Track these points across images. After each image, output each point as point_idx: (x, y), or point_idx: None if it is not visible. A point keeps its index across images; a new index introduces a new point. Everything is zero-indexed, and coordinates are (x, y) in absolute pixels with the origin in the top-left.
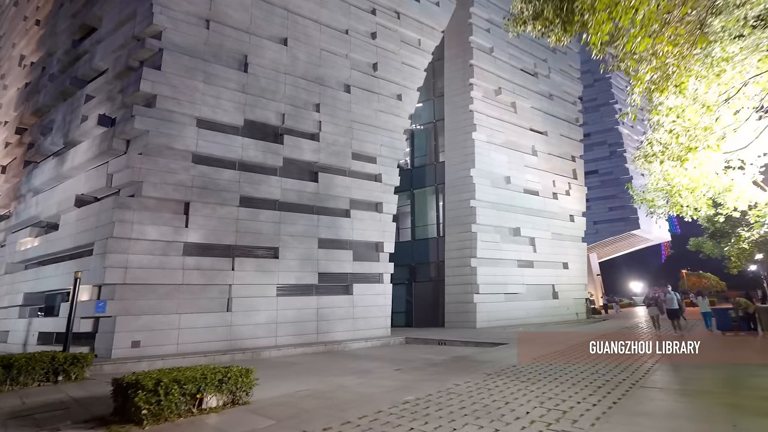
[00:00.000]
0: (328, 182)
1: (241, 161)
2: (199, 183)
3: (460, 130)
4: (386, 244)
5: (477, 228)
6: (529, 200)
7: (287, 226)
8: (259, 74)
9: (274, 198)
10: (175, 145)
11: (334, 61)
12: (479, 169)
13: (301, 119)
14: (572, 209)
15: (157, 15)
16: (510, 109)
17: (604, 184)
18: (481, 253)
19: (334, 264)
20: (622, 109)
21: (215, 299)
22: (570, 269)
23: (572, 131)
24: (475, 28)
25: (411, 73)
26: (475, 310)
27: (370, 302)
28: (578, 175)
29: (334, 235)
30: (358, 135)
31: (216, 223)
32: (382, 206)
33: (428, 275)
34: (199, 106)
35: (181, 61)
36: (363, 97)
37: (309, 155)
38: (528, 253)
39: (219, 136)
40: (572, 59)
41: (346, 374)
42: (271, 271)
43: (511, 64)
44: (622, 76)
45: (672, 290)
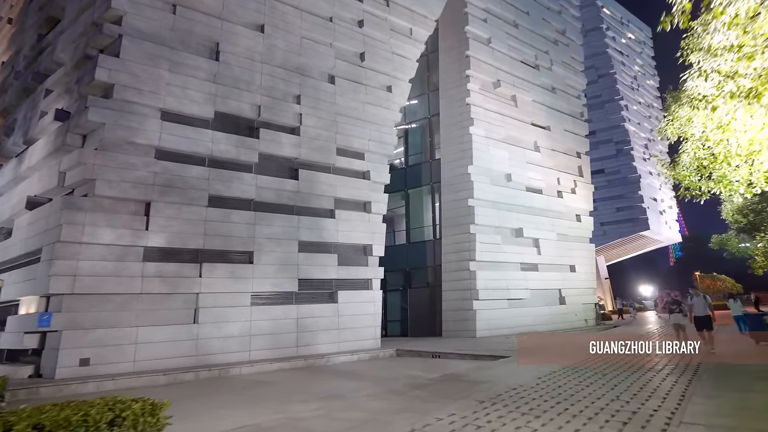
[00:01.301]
0: (310, 180)
1: (211, 157)
2: (162, 180)
3: (456, 125)
4: (375, 247)
5: (476, 229)
6: (532, 199)
7: (263, 227)
8: (232, 63)
9: (249, 197)
10: (136, 139)
11: (317, 49)
12: (477, 165)
13: (279, 111)
14: (579, 208)
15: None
16: (510, 102)
17: (611, 184)
18: (480, 256)
19: (316, 269)
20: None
21: (179, 310)
22: (578, 272)
23: (577, 126)
24: (472, 18)
25: (402, 64)
26: (475, 318)
27: (357, 311)
28: (584, 172)
29: (317, 238)
30: (343, 129)
31: (181, 225)
32: (370, 206)
33: (424, 281)
34: (163, 97)
35: (144, 48)
36: (349, 89)
37: (288, 150)
38: (532, 255)
39: (186, 130)
40: (575, 51)
41: (311, 400)
42: (245, 277)
43: (511, 55)
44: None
45: (693, 291)
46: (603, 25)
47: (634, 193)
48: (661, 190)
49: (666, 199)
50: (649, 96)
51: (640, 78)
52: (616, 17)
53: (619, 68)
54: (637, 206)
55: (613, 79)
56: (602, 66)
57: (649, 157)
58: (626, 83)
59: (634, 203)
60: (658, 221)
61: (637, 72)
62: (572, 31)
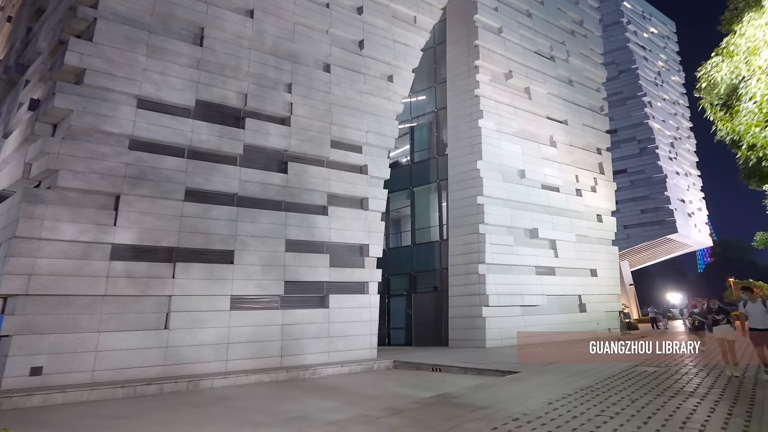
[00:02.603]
0: (301, 173)
1: (190, 147)
2: (134, 172)
3: (464, 117)
4: (373, 247)
5: (485, 229)
6: (548, 197)
7: (247, 224)
8: (216, 48)
9: (231, 191)
10: (107, 127)
11: (311, 36)
12: (487, 161)
13: (268, 100)
14: (599, 208)
15: None
16: (523, 94)
17: (634, 185)
18: (490, 258)
19: (305, 270)
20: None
21: (149, 314)
22: (599, 277)
23: (597, 121)
24: (481, 6)
25: (404, 52)
26: (484, 326)
27: (350, 317)
28: (605, 169)
29: (307, 236)
30: (339, 119)
31: (154, 221)
32: (368, 202)
33: (430, 285)
34: (139, 83)
35: (120, 32)
36: (346, 77)
37: (277, 142)
38: (548, 258)
39: (163, 118)
40: (594, 43)
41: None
42: (224, 278)
43: (523, 45)
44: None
45: (748, 296)
46: (623, 19)
47: (659, 194)
48: (689, 191)
49: (695, 200)
50: (674, 92)
51: (665, 74)
52: (638, 11)
53: (642, 63)
54: (663, 208)
55: (635, 74)
56: (623, 61)
57: (675, 156)
58: (649, 79)
59: (660, 204)
60: (687, 224)
61: (660, 68)
62: (590, 21)
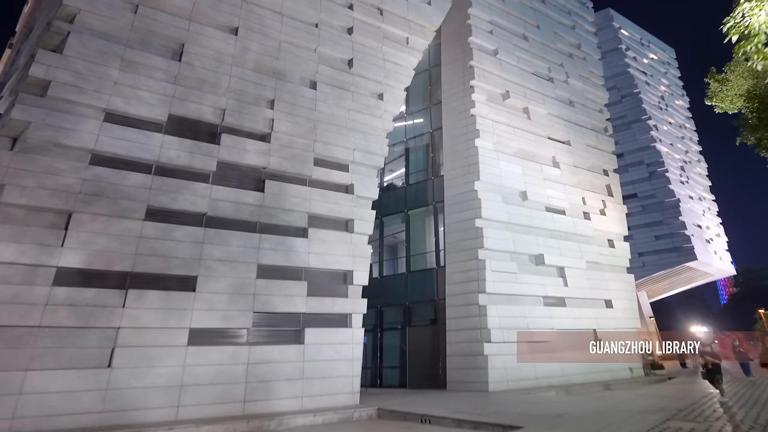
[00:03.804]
0: (279, 192)
1: (158, 163)
2: (91, 189)
3: (460, 137)
4: (357, 274)
5: (485, 254)
6: (554, 220)
7: (214, 247)
8: (195, 64)
9: (200, 210)
10: (66, 141)
11: (297, 54)
12: (485, 181)
13: (247, 116)
14: (610, 232)
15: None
16: (522, 114)
17: (646, 210)
18: (492, 287)
19: (279, 300)
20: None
21: (91, 349)
22: (615, 308)
23: (601, 141)
24: (475, 29)
25: (396, 71)
26: (487, 366)
27: (330, 355)
28: (614, 191)
29: (283, 261)
30: (324, 137)
31: (108, 242)
32: (353, 224)
33: (427, 317)
34: (108, 96)
35: (93, 45)
36: (333, 95)
37: (255, 159)
38: (557, 287)
39: (130, 133)
40: (593, 65)
41: None
42: (183, 308)
43: (520, 67)
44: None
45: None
46: (622, 46)
47: (674, 218)
48: (705, 216)
49: (712, 226)
50: (679, 116)
51: (668, 98)
52: (635, 38)
53: (644, 88)
54: (679, 233)
55: (638, 99)
56: (624, 86)
57: (687, 179)
58: (653, 103)
59: (676, 230)
60: (706, 250)
61: (663, 92)
62: (588, 45)
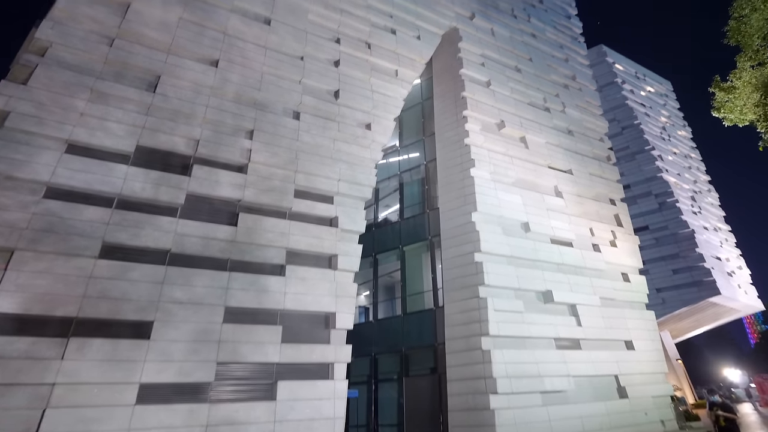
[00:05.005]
0: (254, 226)
1: (120, 196)
2: (40, 224)
3: (455, 167)
4: (341, 316)
5: (487, 291)
6: (561, 253)
7: (175, 287)
8: (170, 95)
9: (163, 247)
10: (18, 174)
11: (280, 85)
12: (483, 212)
13: (223, 147)
14: (624, 265)
15: (44, 29)
16: (519, 144)
17: (660, 242)
18: (496, 329)
19: (248, 348)
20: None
21: (16, 411)
22: (637, 350)
23: (605, 170)
24: (466, 62)
25: (384, 102)
26: (494, 423)
27: (307, 413)
28: (623, 221)
29: (254, 302)
30: (306, 167)
31: (51, 283)
32: (337, 260)
33: (426, 366)
34: (71, 128)
35: (61, 77)
36: (317, 125)
37: (229, 191)
38: (569, 327)
39: (91, 164)
40: (590, 95)
41: None
42: (133, 360)
43: (515, 98)
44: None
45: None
46: (618, 80)
47: (690, 251)
48: (723, 248)
49: (732, 258)
50: (684, 146)
51: (670, 129)
52: (630, 72)
53: (644, 119)
54: (698, 267)
55: (639, 130)
56: (624, 118)
57: (699, 210)
58: (655, 134)
59: (694, 263)
60: (729, 284)
61: (664, 123)
62: (583, 77)
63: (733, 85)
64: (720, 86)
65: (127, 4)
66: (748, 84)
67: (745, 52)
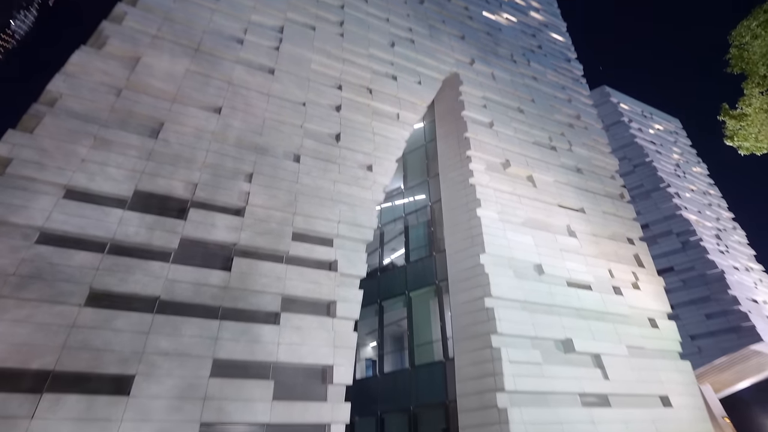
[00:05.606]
0: (249, 271)
1: (113, 241)
2: (27, 270)
3: (461, 208)
4: (340, 369)
5: (500, 340)
6: (579, 297)
7: (161, 338)
8: (172, 140)
9: (152, 294)
10: (13, 219)
11: (281, 129)
12: (492, 254)
13: (221, 190)
14: (650, 309)
15: (56, 82)
16: (526, 182)
17: (688, 285)
18: (512, 384)
19: (236, 406)
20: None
21: None
22: (676, 407)
23: (619, 208)
24: (468, 104)
25: (386, 144)
26: None
27: None
28: (644, 261)
29: (245, 354)
30: (305, 209)
31: (31, 333)
32: (335, 307)
33: (437, 427)
34: (71, 173)
35: (67, 125)
36: (317, 167)
37: (224, 234)
38: (595, 380)
39: (87, 209)
40: (596, 134)
41: None
42: (108, 419)
43: (519, 137)
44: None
45: None
46: (624, 119)
47: (722, 293)
48: (758, 289)
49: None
50: (701, 183)
51: (684, 165)
52: (636, 111)
53: (656, 156)
54: (733, 310)
55: (652, 167)
56: (635, 156)
57: (726, 249)
58: (669, 171)
59: (728, 306)
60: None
61: (677, 160)
62: (588, 116)
63: (744, 112)
64: (729, 114)
65: (137, 58)
66: (760, 111)
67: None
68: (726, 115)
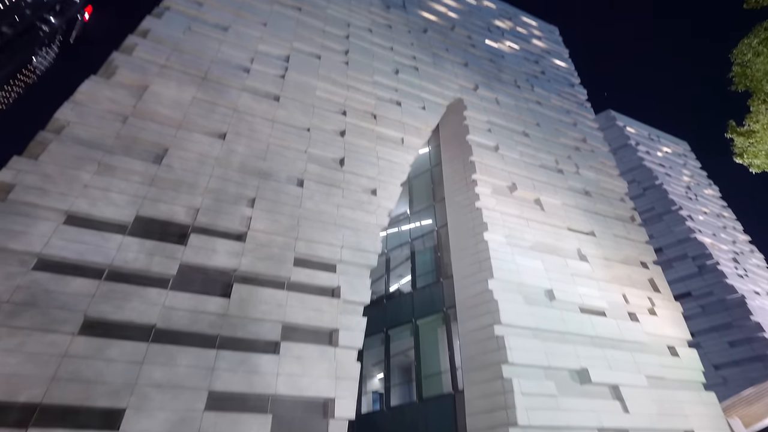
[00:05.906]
0: (248, 298)
1: (111, 267)
2: (22, 297)
3: (468, 232)
4: (342, 403)
5: (511, 371)
6: (593, 324)
7: (155, 368)
8: (175, 165)
9: (148, 322)
10: (11, 245)
11: (285, 155)
12: (501, 279)
13: (223, 215)
14: (668, 336)
15: (64, 110)
16: (534, 206)
17: (707, 310)
18: (525, 418)
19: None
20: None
21: None
22: None
23: (630, 231)
24: (473, 128)
25: (390, 168)
26: None
27: None
28: (659, 285)
29: (243, 386)
30: (307, 234)
31: (21, 363)
32: (338, 336)
33: None
34: (73, 199)
35: (72, 151)
36: (321, 192)
37: (225, 260)
38: (614, 414)
39: (86, 235)
40: (603, 156)
41: None
42: None
43: (525, 161)
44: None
45: None
46: (631, 142)
47: (744, 319)
48: None
49: None
50: (713, 205)
51: (695, 188)
52: (643, 134)
53: (666, 179)
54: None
55: (662, 190)
56: (644, 179)
57: (745, 273)
58: (680, 193)
59: (752, 333)
60: None
61: (688, 182)
62: (594, 139)
63: (752, 129)
64: (737, 131)
65: (145, 86)
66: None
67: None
68: (734, 132)
